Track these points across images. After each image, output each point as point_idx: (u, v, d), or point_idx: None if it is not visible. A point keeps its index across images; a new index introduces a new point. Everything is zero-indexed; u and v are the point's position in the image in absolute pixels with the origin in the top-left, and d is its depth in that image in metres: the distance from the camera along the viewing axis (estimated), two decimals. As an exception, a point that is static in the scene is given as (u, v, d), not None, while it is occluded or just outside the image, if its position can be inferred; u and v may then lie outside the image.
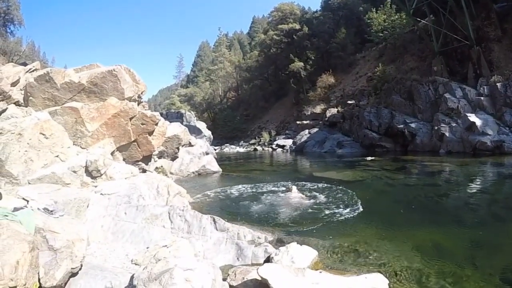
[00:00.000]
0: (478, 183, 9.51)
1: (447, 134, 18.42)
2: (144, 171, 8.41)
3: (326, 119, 29.83)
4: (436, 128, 19.26)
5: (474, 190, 8.50)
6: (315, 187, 8.60)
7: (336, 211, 6.20)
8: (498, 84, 18.36)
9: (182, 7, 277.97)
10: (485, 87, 19.16)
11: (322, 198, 7.35)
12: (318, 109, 34.58)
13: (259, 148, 35.38)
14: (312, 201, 7.10)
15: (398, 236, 4.82)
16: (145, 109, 9.15)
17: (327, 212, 6.15)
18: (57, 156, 6.08)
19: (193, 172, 12.31)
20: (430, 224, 5.45)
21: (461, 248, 4.39)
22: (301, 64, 43.06)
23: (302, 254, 3.70)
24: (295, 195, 7.56)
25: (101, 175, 6.38)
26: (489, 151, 16.11)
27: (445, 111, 19.53)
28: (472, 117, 17.73)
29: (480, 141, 16.65)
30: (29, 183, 5.29)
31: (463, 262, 3.88)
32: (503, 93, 18.10)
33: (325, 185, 8.74)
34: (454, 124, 18.54)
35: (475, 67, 20.86)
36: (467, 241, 4.59)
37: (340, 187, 8.31)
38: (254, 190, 8.58)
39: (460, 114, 18.67)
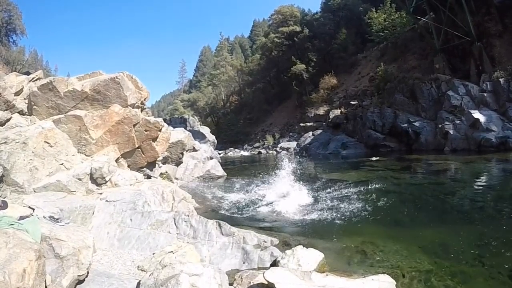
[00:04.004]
0: (484, 180, 9.43)
1: (451, 131, 18.31)
2: (149, 177, 8.41)
3: (330, 120, 29.76)
4: (440, 126, 19.15)
5: (480, 188, 8.43)
6: (320, 189, 8.57)
7: (342, 212, 6.17)
8: (501, 80, 18.27)
9: (183, 13, 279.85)
10: (487, 83, 19.06)
11: (327, 199, 7.31)
12: (321, 110, 34.56)
13: (263, 151, 35.32)
14: (317, 203, 7.07)
15: (405, 236, 4.78)
16: (149, 116, 9.17)
17: (332, 213, 6.12)
18: (62, 164, 6.11)
19: (197, 177, 12.30)
20: (437, 223, 5.41)
21: (468, 246, 4.34)
22: (303, 66, 43.14)
23: (308, 257, 3.69)
24: (300, 198, 7.53)
25: (106, 182, 6.39)
26: (494, 148, 15.99)
27: (449, 108, 19.43)
28: (476, 114, 17.64)
29: (484, 137, 16.56)
30: (34, 191, 5.31)
31: (471, 261, 3.84)
32: (506, 88, 17.99)
33: (330, 186, 8.71)
34: (458, 122, 18.43)
35: (477, 63, 20.77)
36: (475, 239, 4.54)
37: (345, 188, 8.28)
38: (258, 193, 8.56)
39: (463, 111, 18.56)
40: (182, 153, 11.17)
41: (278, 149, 32.91)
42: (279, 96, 50.94)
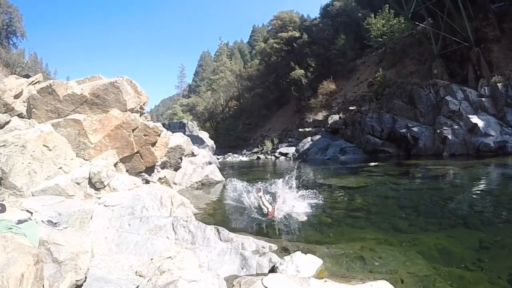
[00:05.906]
0: (483, 185, 9.44)
1: (449, 136, 18.36)
2: (147, 182, 8.40)
3: (328, 125, 29.82)
4: (438, 131, 19.20)
5: (479, 192, 8.43)
6: (319, 194, 8.55)
7: (340, 218, 6.17)
8: (499, 85, 18.34)
9: (183, 18, 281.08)
10: (486, 88, 19.14)
11: (325, 205, 7.31)
12: (320, 116, 34.63)
13: (262, 156, 35.33)
14: (315, 209, 7.05)
15: (404, 242, 4.77)
16: (148, 120, 9.18)
17: (331, 219, 6.12)
18: (60, 168, 6.09)
19: (196, 182, 12.26)
20: (436, 228, 5.41)
21: (467, 251, 4.34)
22: (302, 71, 43.28)
23: (306, 263, 3.67)
24: (298, 203, 7.50)
25: (105, 186, 6.37)
26: (493, 152, 16.04)
27: (447, 113, 19.50)
28: (474, 119, 17.69)
29: (483, 142, 16.60)
30: (32, 195, 5.29)
31: (470, 266, 3.84)
32: (504, 93, 18.08)
33: (329, 192, 8.70)
34: (456, 127, 18.49)
35: (475, 68, 20.86)
36: (474, 244, 4.55)
37: (344, 194, 8.28)
38: (257, 199, 8.52)
39: (462, 116, 18.63)
40: (180, 158, 11.17)
41: (276, 154, 32.91)
42: (278, 101, 50.99)
